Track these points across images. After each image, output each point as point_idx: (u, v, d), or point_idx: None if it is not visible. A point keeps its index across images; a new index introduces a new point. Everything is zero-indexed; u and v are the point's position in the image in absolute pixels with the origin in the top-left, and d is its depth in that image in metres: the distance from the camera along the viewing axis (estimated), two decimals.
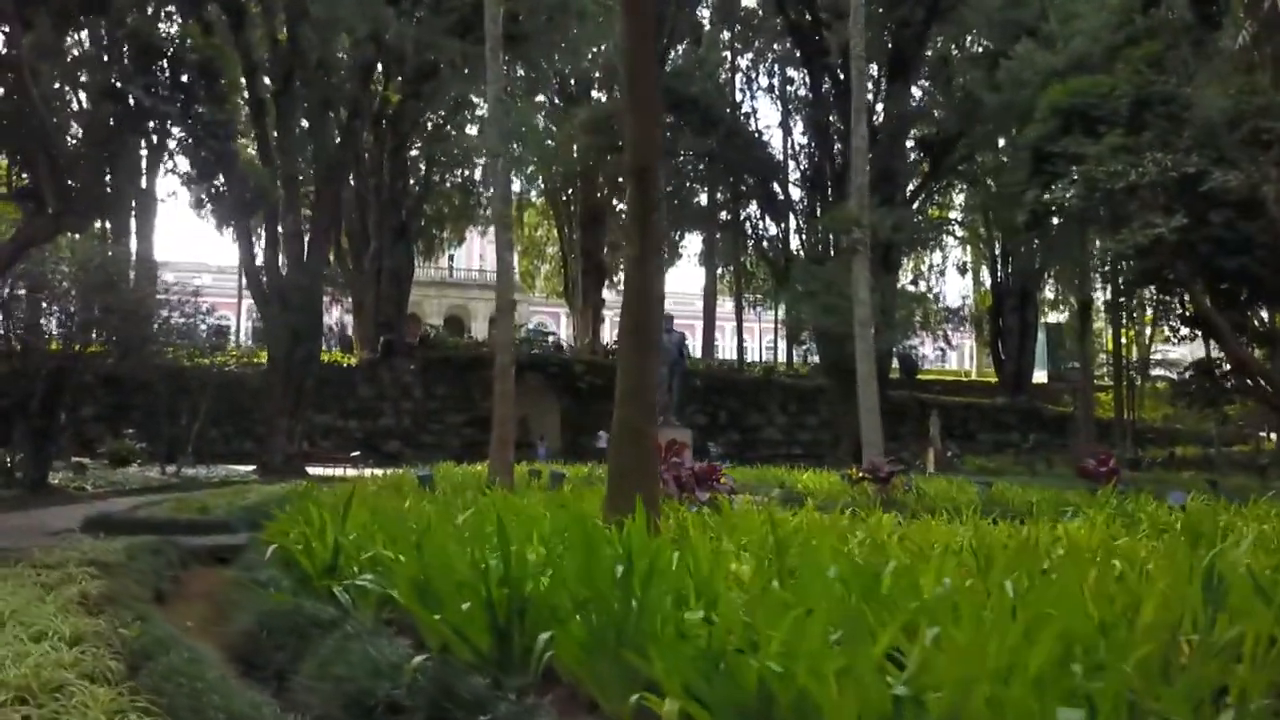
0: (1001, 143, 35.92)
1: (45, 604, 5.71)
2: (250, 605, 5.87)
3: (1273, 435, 41.49)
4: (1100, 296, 33.50)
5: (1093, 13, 22.90)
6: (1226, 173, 18.10)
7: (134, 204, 29.51)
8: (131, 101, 13.31)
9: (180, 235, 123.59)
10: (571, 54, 44.07)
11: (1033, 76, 22.95)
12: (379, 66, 28.27)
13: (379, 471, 25.91)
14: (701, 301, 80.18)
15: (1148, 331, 46.45)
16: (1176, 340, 22.46)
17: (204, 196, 15.02)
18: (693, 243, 54.85)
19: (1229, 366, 21.56)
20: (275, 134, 23.77)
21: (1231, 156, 18.75)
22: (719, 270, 52.28)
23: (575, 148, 43.82)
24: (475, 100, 46.75)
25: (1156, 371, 44.95)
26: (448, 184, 48.97)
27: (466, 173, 50.70)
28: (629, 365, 7.98)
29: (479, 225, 55.72)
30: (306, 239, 24.68)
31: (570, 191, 50.76)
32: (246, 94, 22.37)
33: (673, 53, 41.66)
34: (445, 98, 40.13)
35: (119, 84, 13.41)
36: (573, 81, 47.57)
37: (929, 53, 29.56)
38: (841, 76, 30.72)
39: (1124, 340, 39.94)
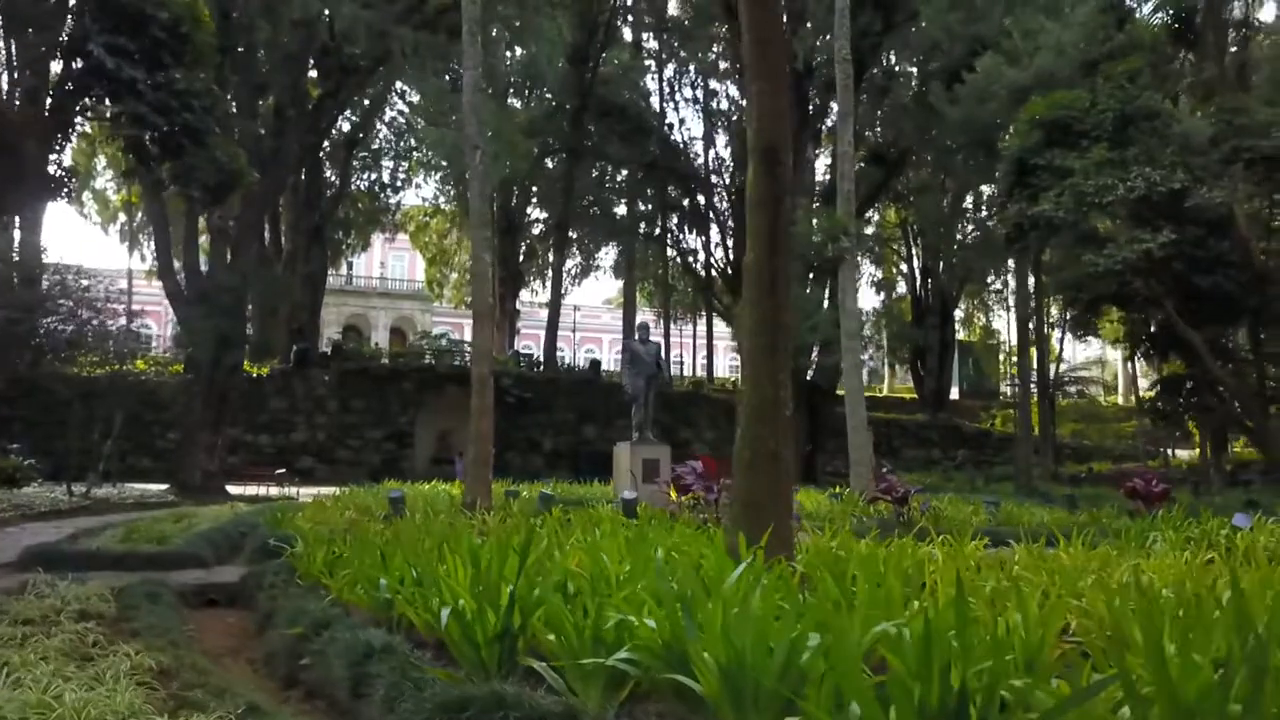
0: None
1: (111, 688, 4.20)
2: (386, 682, 4.45)
3: (1177, 452, 42.93)
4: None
5: (1058, 29, 22.89)
6: (1211, 189, 18.10)
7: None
8: (81, 63, 11.32)
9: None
10: (492, 55, 42.65)
11: (1000, 91, 22.78)
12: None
13: (314, 490, 23.91)
14: (608, 314, 79.50)
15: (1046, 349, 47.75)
16: (1141, 356, 22.51)
17: (166, 178, 13.03)
18: (605, 254, 54.07)
19: (1190, 384, 21.69)
20: None
21: (1205, 174, 18.79)
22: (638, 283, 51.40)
23: (494, 151, 42.31)
24: (388, 101, 44.91)
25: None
26: (358, 187, 46.79)
27: (375, 176, 48.63)
28: (760, 375, 6.83)
29: (387, 231, 53.69)
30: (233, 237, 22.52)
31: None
32: None
33: (601, 59, 40.49)
34: (367, 93, 38.17)
35: (75, 41, 11.39)
36: (489, 90, 45.96)
37: (875, 69, 29.30)
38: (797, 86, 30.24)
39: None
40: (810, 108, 29.39)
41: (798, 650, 3.28)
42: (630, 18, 44.21)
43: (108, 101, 12.39)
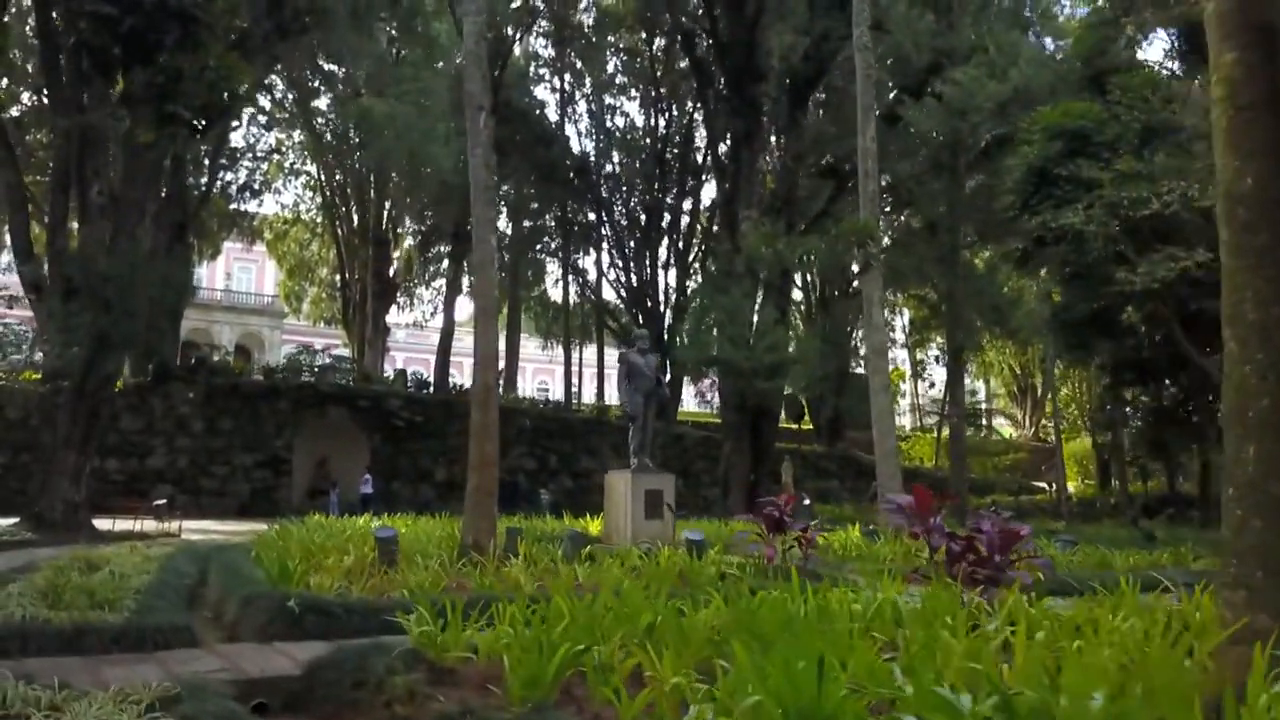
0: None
1: None
2: None
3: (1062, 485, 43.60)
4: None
5: (1038, 42, 22.03)
6: None
7: None
8: None
9: None
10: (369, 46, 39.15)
11: (984, 103, 21.62)
12: None
13: (198, 525, 19.95)
14: (471, 337, 75.72)
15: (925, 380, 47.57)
16: (1108, 387, 21.64)
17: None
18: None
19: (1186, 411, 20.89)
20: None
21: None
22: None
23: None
24: (260, 93, 40.41)
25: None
26: (218, 188, 41.89)
27: (233, 177, 43.84)
28: (1262, 372, 4.49)
29: (244, 238, 48.78)
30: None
31: (356, 205, 45.18)
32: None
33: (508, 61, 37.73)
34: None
35: None
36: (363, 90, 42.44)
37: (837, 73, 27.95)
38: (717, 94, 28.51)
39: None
40: (762, 115, 27.63)
41: None
42: (532, 21, 41.58)
43: None
